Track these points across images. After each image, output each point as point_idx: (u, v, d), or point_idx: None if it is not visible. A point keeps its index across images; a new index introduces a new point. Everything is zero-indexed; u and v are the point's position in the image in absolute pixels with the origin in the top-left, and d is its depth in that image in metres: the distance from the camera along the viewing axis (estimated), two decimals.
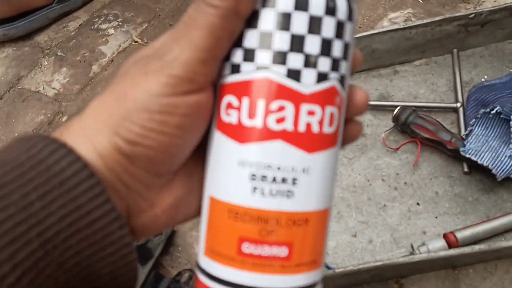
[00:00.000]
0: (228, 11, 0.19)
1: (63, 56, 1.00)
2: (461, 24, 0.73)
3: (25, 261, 0.17)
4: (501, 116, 0.61)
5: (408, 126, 0.68)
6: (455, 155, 0.66)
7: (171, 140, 0.20)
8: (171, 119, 0.19)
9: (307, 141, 0.20)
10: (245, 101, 0.20)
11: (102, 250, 0.19)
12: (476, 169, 0.65)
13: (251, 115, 0.20)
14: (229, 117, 0.20)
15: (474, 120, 0.63)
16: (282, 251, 0.20)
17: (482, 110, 0.62)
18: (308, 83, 0.20)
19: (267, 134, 0.20)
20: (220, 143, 0.21)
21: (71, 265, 0.19)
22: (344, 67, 0.21)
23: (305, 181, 0.20)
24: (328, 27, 0.20)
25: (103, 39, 1.01)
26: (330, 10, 0.20)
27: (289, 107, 0.20)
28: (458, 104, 0.71)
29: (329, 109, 0.21)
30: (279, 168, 0.20)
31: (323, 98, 0.20)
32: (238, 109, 0.20)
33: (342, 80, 0.21)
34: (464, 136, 0.64)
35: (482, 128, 0.63)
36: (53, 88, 0.95)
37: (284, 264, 0.20)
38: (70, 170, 0.19)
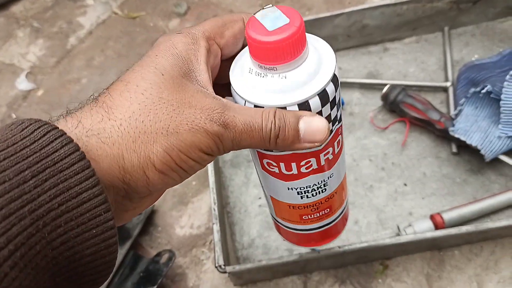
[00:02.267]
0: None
1: (39, 27, 0.95)
2: (452, 1, 0.71)
3: (17, 235, 0.18)
4: (491, 95, 0.59)
5: (397, 105, 0.66)
6: (444, 135, 0.64)
7: (186, 176, 0.25)
8: (196, 166, 0.24)
9: (328, 165, 0.30)
10: (282, 164, 0.29)
11: (87, 231, 0.21)
12: (464, 149, 0.64)
13: (288, 169, 0.29)
14: (272, 168, 0.30)
15: (464, 99, 0.62)
16: (327, 210, 0.34)
17: (472, 90, 0.61)
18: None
19: (302, 175, 0.30)
20: (269, 177, 0.31)
21: (59, 243, 0.20)
22: (339, 113, 0.28)
23: (331, 180, 0.32)
24: (325, 111, 0.26)
25: (81, 10, 0.96)
26: (324, 103, 0.26)
27: (313, 159, 0.29)
28: (448, 83, 0.69)
29: (336, 140, 0.29)
30: (314, 184, 0.31)
31: (332, 140, 0.29)
32: (277, 166, 0.29)
33: (339, 119, 0.29)
34: (453, 116, 0.62)
35: (472, 108, 0.62)
36: (29, 61, 0.91)
37: (329, 214, 0.35)
38: (63, 151, 0.20)
